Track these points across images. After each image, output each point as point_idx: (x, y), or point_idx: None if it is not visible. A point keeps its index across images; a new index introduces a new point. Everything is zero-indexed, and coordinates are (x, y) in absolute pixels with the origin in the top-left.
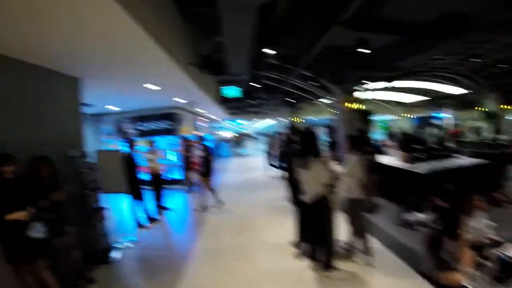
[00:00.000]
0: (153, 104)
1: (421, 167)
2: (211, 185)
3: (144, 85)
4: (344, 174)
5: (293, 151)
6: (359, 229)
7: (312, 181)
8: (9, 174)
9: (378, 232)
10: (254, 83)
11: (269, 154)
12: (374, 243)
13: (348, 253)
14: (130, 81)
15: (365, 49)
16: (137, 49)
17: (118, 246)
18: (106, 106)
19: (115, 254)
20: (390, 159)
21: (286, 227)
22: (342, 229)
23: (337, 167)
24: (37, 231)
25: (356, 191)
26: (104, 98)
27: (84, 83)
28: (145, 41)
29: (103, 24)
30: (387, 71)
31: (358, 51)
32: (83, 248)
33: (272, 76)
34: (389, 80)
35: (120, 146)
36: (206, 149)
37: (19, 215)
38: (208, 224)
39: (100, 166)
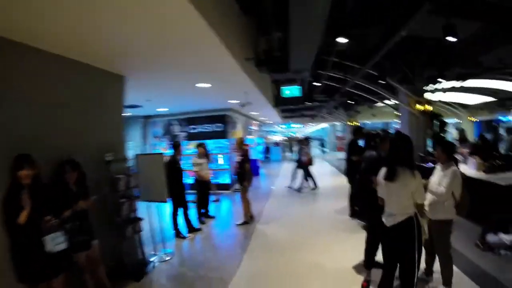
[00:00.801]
0: (204, 106)
1: (506, 179)
2: (247, 193)
3: (197, 84)
4: (440, 190)
5: (371, 159)
6: (445, 257)
7: (400, 198)
8: (26, 179)
9: (456, 256)
10: (314, 83)
11: (300, 162)
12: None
13: (425, 284)
14: (182, 78)
15: (453, 36)
16: (193, 40)
17: (152, 260)
18: (158, 109)
19: (148, 270)
20: (465, 168)
21: (346, 248)
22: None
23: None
24: (56, 242)
25: (450, 211)
26: (154, 99)
27: (132, 83)
28: (204, 31)
29: (156, 10)
30: (464, 68)
31: (436, 43)
32: (113, 263)
33: (334, 75)
34: (464, 78)
35: (167, 149)
36: (244, 153)
37: (24, 214)
38: (255, 239)
39: (140, 171)
